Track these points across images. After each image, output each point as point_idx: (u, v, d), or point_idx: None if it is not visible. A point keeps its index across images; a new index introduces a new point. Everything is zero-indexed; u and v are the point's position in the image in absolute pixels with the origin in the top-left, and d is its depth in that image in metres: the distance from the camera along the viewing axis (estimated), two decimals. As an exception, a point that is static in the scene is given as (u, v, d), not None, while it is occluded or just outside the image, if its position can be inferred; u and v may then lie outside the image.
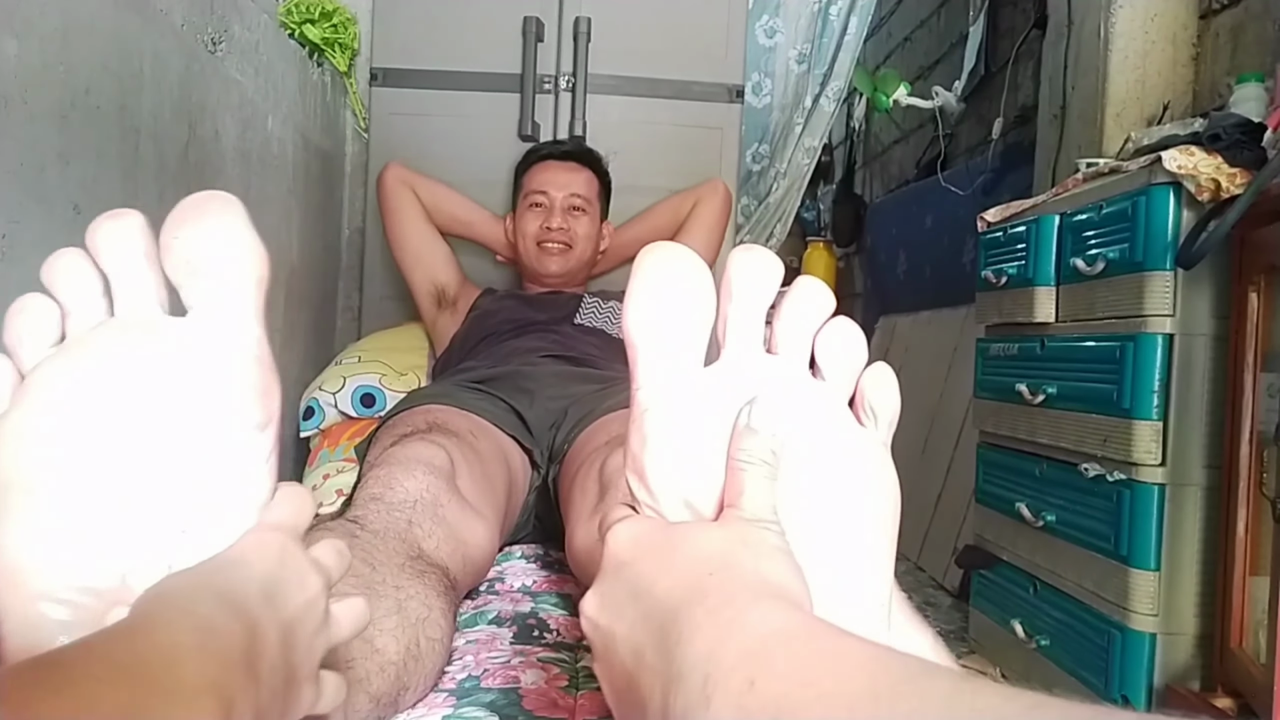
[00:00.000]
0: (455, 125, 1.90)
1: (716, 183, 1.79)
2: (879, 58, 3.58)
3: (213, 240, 0.44)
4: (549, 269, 1.62)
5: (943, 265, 2.77)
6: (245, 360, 0.44)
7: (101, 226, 0.45)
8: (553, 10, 1.90)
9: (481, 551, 0.91)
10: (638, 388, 0.43)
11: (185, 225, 0.44)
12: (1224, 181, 1.16)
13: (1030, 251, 1.49)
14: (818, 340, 0.44)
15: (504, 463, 1.13)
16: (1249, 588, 1.15)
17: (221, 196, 0.45)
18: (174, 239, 0.44)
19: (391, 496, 0.84)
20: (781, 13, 2.27)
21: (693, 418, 0.42)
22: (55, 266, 0.45)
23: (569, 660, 0.78)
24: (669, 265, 0.43)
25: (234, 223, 0.44)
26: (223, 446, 0.43)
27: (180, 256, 0.44)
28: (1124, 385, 1.25)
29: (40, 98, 0.94)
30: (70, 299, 0.45)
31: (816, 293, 0.44)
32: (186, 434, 0.43)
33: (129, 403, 0.42)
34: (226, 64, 1.39)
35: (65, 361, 0.44)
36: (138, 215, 0.45)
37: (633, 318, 0.42)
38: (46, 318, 0.45)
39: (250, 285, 0.45)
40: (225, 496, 0.43)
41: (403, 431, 1.05)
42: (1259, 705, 1.06)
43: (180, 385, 0.43)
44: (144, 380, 0.43)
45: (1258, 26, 1.59)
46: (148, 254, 0.45)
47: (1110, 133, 1.77)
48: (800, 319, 0.44)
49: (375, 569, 0.68)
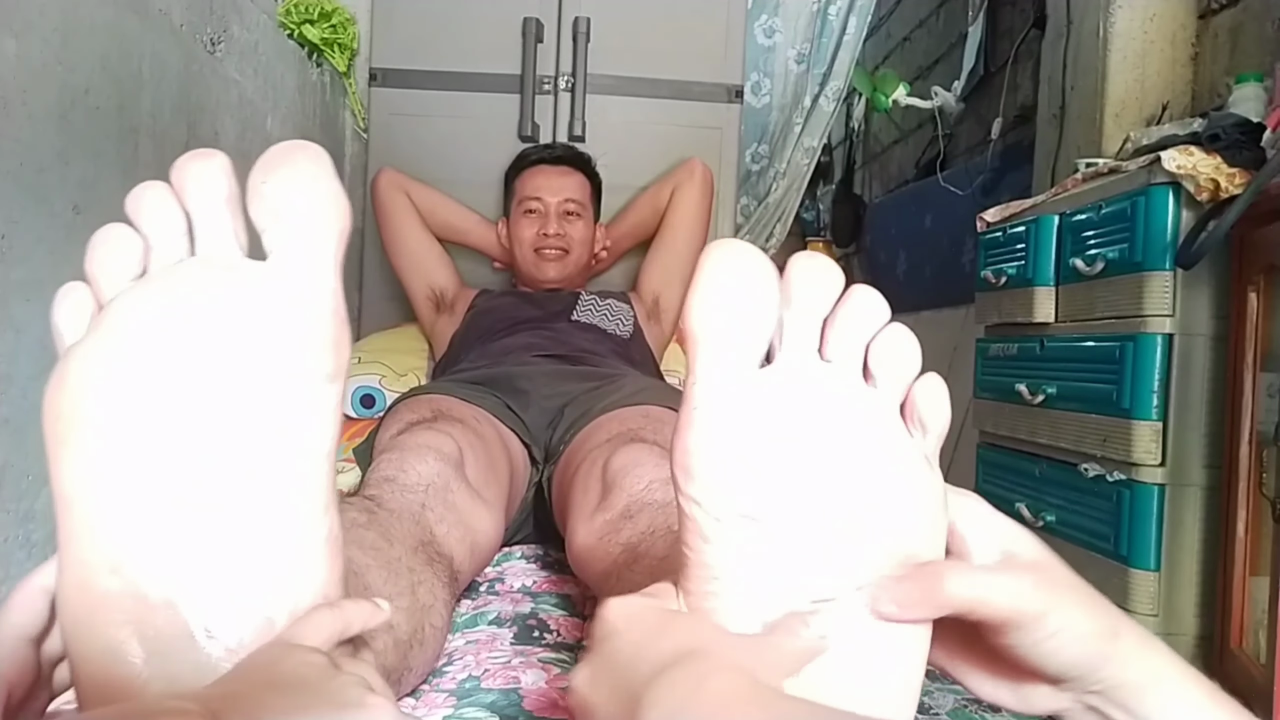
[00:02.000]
0: (454, 126, 1.90)
1: (693, 164, 1.76)
2: (878, 58, 3.58)
3: (300, 188, 0.44)
4: (547, 275, 1.62)
5: (942, 265, 2.77)
6: (321, 309, 0.44)
7: (189, 165, 0.45)
8: (552, 11, 1.90)
9: (488, 539, 0.92)
10: (694, 382, 0.43)
11: (275, 171, 0.44)
12: (1223, 181, 1.16)
13: (1030, 251, 1.49)
14: (871, 348, 0.44)
15: (506, 452, 1.14)
16: (1249, 588, 1.15)
17: (311, 146, 0.45)
18: (263, 184, 0.44)
19: (405, 479, 0.85)
20: (781, 12, 2.27)
21: (746, 418, 0.42)
22: (142, 199, 0.45)
23: (569, 661, 0.78)
24: (740, 262, 0.42)
25: (321, 173, 0.45)
26: (293, 392, 0.43)
27: (267, 201, 0.44)
28: (1123, 385, 1.25)
29: (40, 98, 0.94)
30: (154, 233, 0.45)
31: (871, 301, 0.44)
32: (258, 376, 0.43)
33: (205, 340, 0.42)
34: (226, 64, 1.39)
35: (145, 294, 0.43)
36: (224, 156, 0.46)
37: (698, 311, 0.42)
38: (130, 249, 0.44)
39: (332, 235, 0.45)
40: (292, 442, 0.43)
41: (409, 419, 1.06)
42: (1259, 706, 1.06)
43: (256, 328, 0.43)
44: (221, 320, 0.43)
45: (1256, 26, 1.59)
46: (231, 197, 0.45)
47: (1109, 133, 1.77)
48: (855, 326, 0.43)
49: (392, 545, 0.69)
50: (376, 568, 0.65)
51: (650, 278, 1.70)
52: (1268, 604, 1.06)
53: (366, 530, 0.69)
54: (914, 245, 3.03)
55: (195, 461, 0.42)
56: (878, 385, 0.44)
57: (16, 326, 0.94)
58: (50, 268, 0.99)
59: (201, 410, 0.42)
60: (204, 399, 0.42)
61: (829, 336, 0.43)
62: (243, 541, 0.42)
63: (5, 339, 0.92)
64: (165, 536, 0.41)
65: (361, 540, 0.67)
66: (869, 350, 0.44)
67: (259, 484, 0.43)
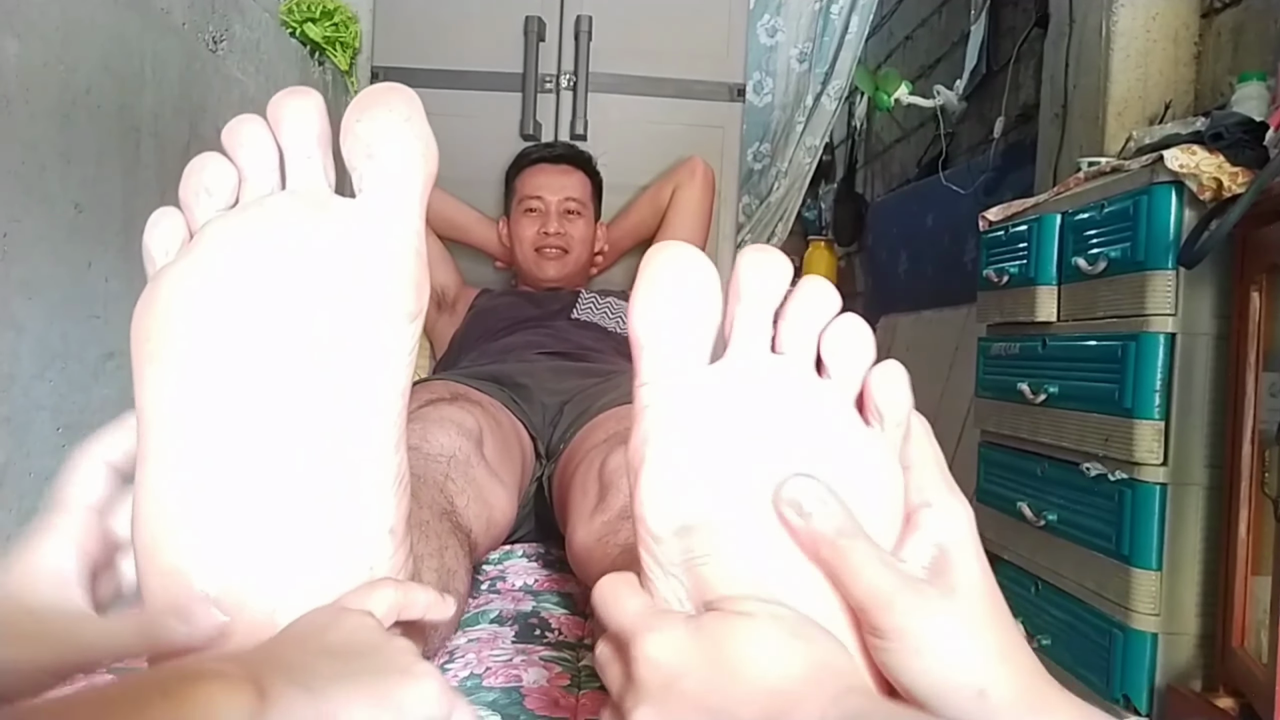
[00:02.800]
0: (456, 124, 1.90)
1: (694, 163, 1.76)
2: (880, 56, 3.58)
3: (392, 127, 0.45)
4: (548, 274, 1.62)
5: (944, 264, 2.77)
6: (406, 248, 0.45)
7: (285, 103, 0.46)
8: (554, 9, 1.90)
9: (504, 517, 0.93)
10: (641, 384, 0.42)
11: (369, 110, 0.45)
12: (1226, 180, 1.16)
13: (1032, 251, 1.49)
14: (823, 338, 0.43)
15: (519, 440, 1.15)
16: (1251, 587, 1.15)
17: (404, 90, 0.46)
18: (356, 122, 0.45)
19: (428, 448, 0.85)
20: (783, 12, 2.27)
21: (696, 415, 0.42)
22: (238, 132, 0.46)
23: (571, 659, 0.78)
24: (677, 262, 0.42)
25: (414, 115, 0.45)
26: (375, 327, 0.44)
27: (360, 140, 0.45)
28: (1125, 385, 1.25)
29: (41, 97, 0.94)
30: (248, 164, 0.46)
31: (822, 291, 0.43)
32: (343, 310, 0.44)
33: (292, 272, 0.43)
34: (228, 63, 1.39)
35: (236, 223, 0.44)
36: (318, 95, 0.47)
37: (639, 315, 0.42)
38: (224, 178, 0.45)
39: (419, 176, 0.46)
40: (371, 377, 0.44)
41: (428, 398, 1.07)
42: (1261, 705, 1.06)
43: (342, 263, 0.44)
44: (309, 253, 0.44)
45: (1259, 25, 1.59)
46: (323, 135, 0.46)
47: (1112, 132, 1.77)
48: (806, 317, 0.43)
49: (421, 508, 0.70)
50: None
51: (650, 277, 1.70)
52: (1269, 603, 1.06)
53: None
54: (916, 244, 3.03)
55: (278, 390, 0.43)
56: (831, 376, 0.43)
57: (17, 325, 0.94)
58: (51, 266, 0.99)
59: (286, 340, 0.43)
60: (289, 329, 0.43)
61: (780, 329, 0.43)
62: (319, 474, 0.43)
63: (6, 338, 0.92)
64: (243, 464, 0.42)
65: None
66: (820, 341, 0.43)
67: (339, 415, 0.43)
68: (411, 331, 0.46)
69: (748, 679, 0.36)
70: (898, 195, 3.34)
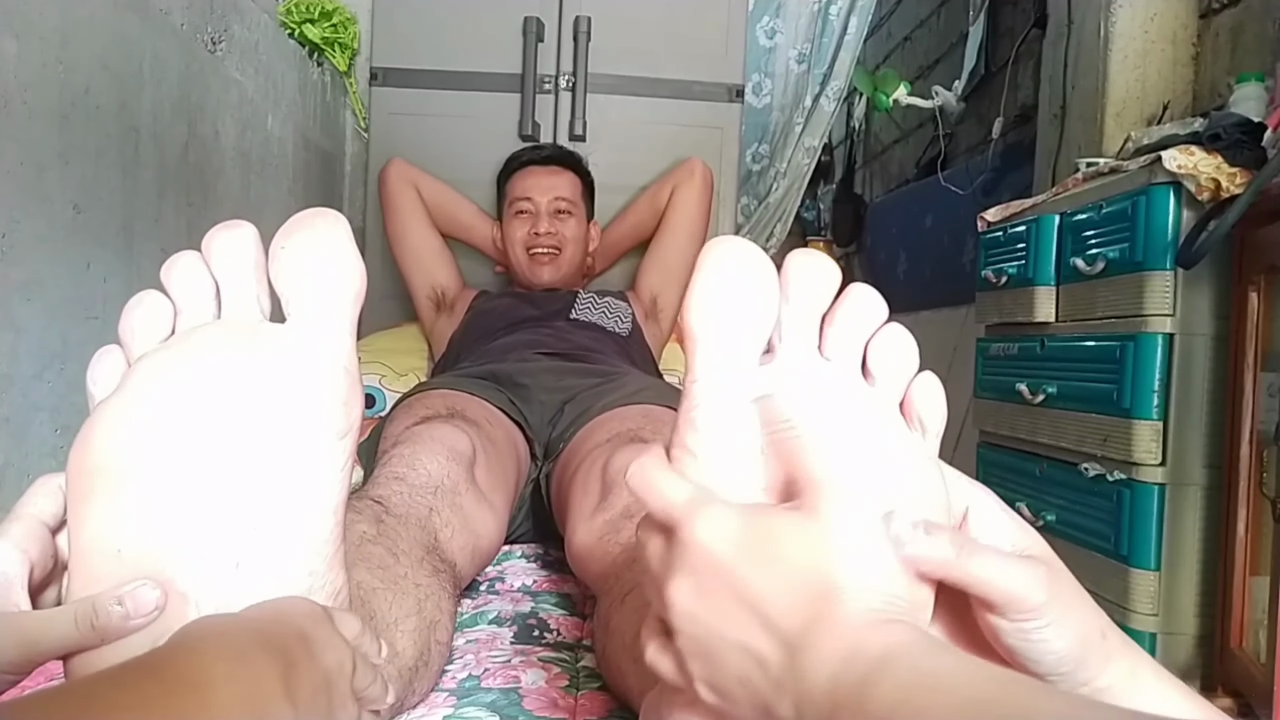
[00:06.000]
0: (455, 125, 1.90)
1: (693, 163, 1.77)
2: (879, 57, 3.58)
3: (317, 254, 0.47)
4: (541, 279, 1.62)
5: (943, 265, 2.77)
6: (335, 370, 0.47)
7: (219, 235, 0.48)
8: (553, 10, 1.90)
9: (490, 544, 0.92)
10: (693, 380, 0.43)
11: (293, 237, 0.47)
12: (1224, 181, 1.16)
13: (1030, 251, 1.49)
14: (870, 346, 0.44)
15: (516, 455, 1.15)
16: (1249, 587, 1.15)
17: (329, 214, 0.48)
18: (282, 249, 0.47)
19: (414, 478, 0.85)
20: (782, 13, 2.27)
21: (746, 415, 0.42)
22: (174, 267, 0.48)
23: (569, 660, 0.78)
24: (739, 259, 0.42)
25: (338, 239, 0.47)
26: (303, 450, 0.45)
27: (286, 266, 0.47)
28: (1124, 385, 1.25)
29: (40, 97, 0.94)
30: (183, 298, 0.47)
31: (871, 299, 0.44)
32: (271, 434, 0.45)
33: (222, 399, 0.45)
34: (226, 64, 1.39)
35: (169, 355, 0.46)
36: (251, 227, 0.48)
37: (696, 309, 0.42)
38: (159, 313, 0.47)
39: (348, 299, 0.47)
40: (299, 499, 0.45)
41: (424, 414, 1.06)
42: (1259, 705, 1.06)
43: (271, 387, 0.45)
44: (238, 379, 0.45)
45: (1258, 26, 1.59)
46: (258, 263, 0.48)
47: (1110, 132, 1.77)
48: (855, 324, 0.44)
49: (398, 560, 0.70)
50: (383, 589, 0.65)
51: (649, 277, 1.70)
52: (1268, 604, 1.06)
53: (374, 545, 0.70)
54: (914, 245, 3.03)
55: (203, 515, 0.43)
56: (877, 383, 0.44)
57: (17, 326, 0.94)
58: (50, 267, 0.99)
59: (211, 465, 0.44)
60: (214, 454, 0.44)
61: (828, 334, 0.44)
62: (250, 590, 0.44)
63: (5, 338, 0.92)
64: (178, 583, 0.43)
65: (369, 558, 0.67)
66: (868, 348, 0.44)
67: (266, 537, 0.44)
68: (343, 448, 0.47)
69: (788, 574, 0.37)
70: (896, 196, 3.34)
